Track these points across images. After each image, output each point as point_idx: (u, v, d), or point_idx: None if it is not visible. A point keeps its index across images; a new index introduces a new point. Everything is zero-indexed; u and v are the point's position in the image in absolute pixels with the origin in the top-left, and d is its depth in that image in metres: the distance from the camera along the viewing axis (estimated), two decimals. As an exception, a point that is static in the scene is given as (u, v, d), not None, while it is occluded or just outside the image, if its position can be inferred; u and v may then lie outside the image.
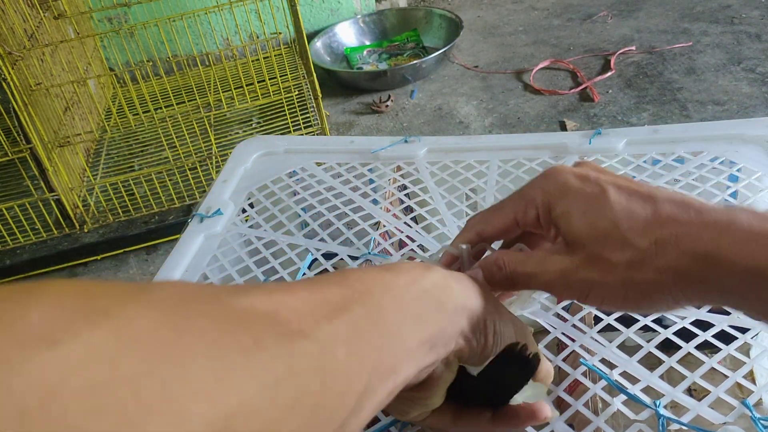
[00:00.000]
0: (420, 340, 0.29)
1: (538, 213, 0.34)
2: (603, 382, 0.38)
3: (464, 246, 0.37)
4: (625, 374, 0.39)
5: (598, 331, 0.42)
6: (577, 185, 0.33)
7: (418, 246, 0.53)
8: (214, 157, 1.55)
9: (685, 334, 0.40)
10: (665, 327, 0.41)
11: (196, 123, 1.59)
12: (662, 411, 0.36)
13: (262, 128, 1.73)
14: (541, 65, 1.87)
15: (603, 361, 0.40)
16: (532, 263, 0.34)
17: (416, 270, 0.31)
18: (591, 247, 0.31)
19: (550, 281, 0.33)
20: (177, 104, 1.66)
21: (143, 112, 1.54)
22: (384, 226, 0.57)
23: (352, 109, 1.85)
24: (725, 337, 0.40)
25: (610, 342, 0.41)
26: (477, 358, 0.32)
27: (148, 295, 0.21)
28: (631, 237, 0.30)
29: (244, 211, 0.63)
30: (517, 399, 0.35)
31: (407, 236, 0.55)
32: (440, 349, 0.30)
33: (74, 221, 1.45)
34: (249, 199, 0.64)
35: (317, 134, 1.58)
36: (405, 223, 0.57)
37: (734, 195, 0.52)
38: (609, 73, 1.76)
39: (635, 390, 0.37)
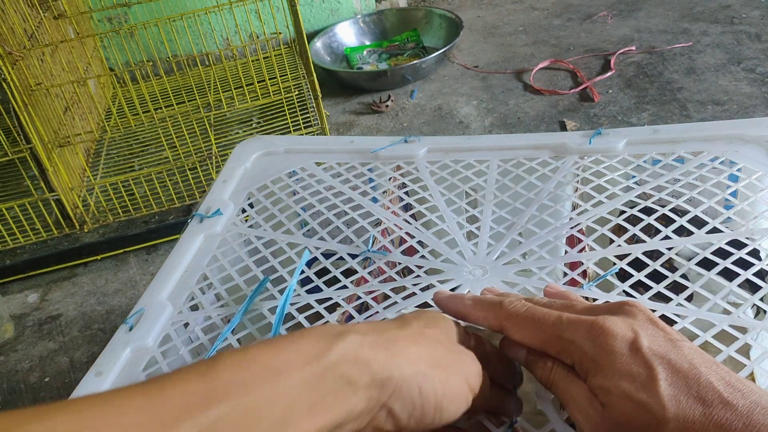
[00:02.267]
0: (316, 430, 0.25)
1: (574, 365, 0.32)
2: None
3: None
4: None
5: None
6: (622, 358, 0.30)
7: (417, 242, 0.53)
8: (214, 157, 1.55)
9: (686, 335, 0.40)
10: (665, 326, 0.41)
11: (196, 123, 1.59)
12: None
13: (262, 128, 1.73)
14: (541, 65, 1.86)
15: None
16: (574, 394, 0.32)
17: (321, 342, 0.27)
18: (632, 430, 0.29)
19: (584, 421, 0.31)
20: (177, 104, 1.66)
21: (143, 112, 1.54)
22: (383, 223, 0.57)
23: (352, 109, 1.85)
24: (725, 338, 0.40)
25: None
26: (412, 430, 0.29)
27: None
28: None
29: (243, 211, 0.63)
30: None
31: (406, 233, 0.55)
32: (350, 427, 0.27)
33: (74, 221, 1.45)
34: (249, 199, 0.64)
35: (317, 134, 1.58)
36: (404, 220, 0.57)
37: (734, 194, 0.52)
38: (609, 73, 1.76)
39: None
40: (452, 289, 0.48)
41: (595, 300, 0.45)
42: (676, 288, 0.45)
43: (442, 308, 0.38)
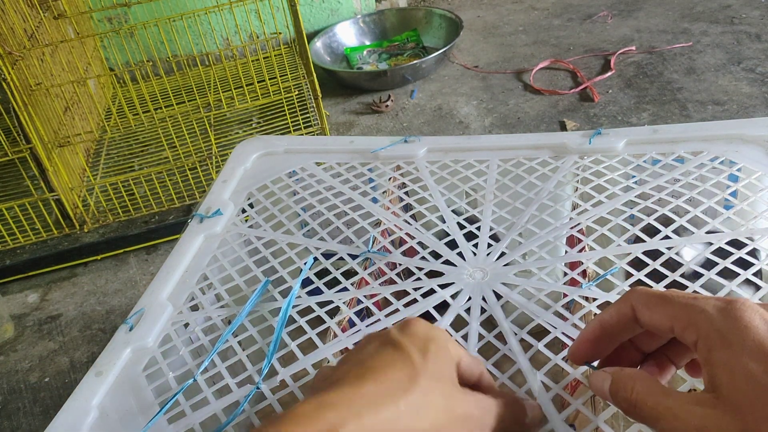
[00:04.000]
0: None
1: (698, 342, 0.29)
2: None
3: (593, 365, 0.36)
4: (625, 374, 0.38)
5: (598, 331, 0.42)
6: (758, 335, 0.27)
7: (417, 243, 0.53)
8: (214, 157, 1.55)
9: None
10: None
11: (196, 123, 1.59)
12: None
13: (262, 128, 1.73)
14: (541, 65, 1.86)
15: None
16: (669, 403, 0.29)
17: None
18: (750, 418, 0.26)
19: (680, 430, 0.28)
20: (177, 104, 1.66)
21: (143, 112, 1.54)
22: (383, 224, 0.57)
23: (352, 109, 1.85)
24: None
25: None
26: None
27: None
28: None
29: (243, 211, 0.63)
30: None
31: (407, 233, 0.55)
32: None
33: (74, 221, 1.45)
34: (249, 199, 0.64)
35: (317, 134, 1.58)
36: (404, 220, 0.57)
37: (734, 194, 0.52)
38: (609, 73, 1.76)
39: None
40: (453, 295, 0.48)
41: (594, 299, 0.45)
42: (677, 288, 0.45)
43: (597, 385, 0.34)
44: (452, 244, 0.53)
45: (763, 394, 0.26)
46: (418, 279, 0.50)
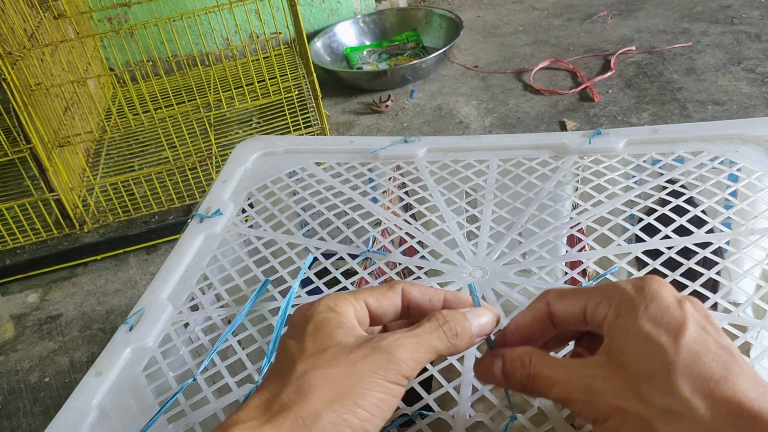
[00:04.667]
0: None
1: (606, 315, 0.31)
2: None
3: (491, 337, 0.35)
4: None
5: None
6: (662, 304, 0.30)
7: (417, 243, 0.53)
8: (214, 157, 1.55)
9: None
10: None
11: (196, 123, 1.60)
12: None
13: (262, 128, 1.73)
14: (541, 65, 1.86)
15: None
16: (561, 371, 0.30)
17: None
18: (632, 376, 0.28)
19: (572, 394, 0.30)
20: (177, 104, 1.66)
21: (143, 112, 1.54)
22: (383, 223, 0.57)
23: (352, 109, 1.85)
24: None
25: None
26: None
27: None
28: (683, 386, 0.27)
29: (243, 211, 0.63)
30: None
31: (406, 233, 0.55)
32: None
33: (74, 221, 1.45)
34: (249, 199, 0.64)
35: (317, 134, 1.58)
36: (404, 220, 0.57)
37: (734, 194, 0.52)
38: (609, 73, 1.76)
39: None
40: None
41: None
42: (676, 287, 0.45)
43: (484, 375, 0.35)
44: (452, 244, 0.53)
45: (650, 353, 0.28)
46: (418, 278, 0.50)
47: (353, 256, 0.53)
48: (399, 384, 0.30)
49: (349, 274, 0.52)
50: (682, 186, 0.54)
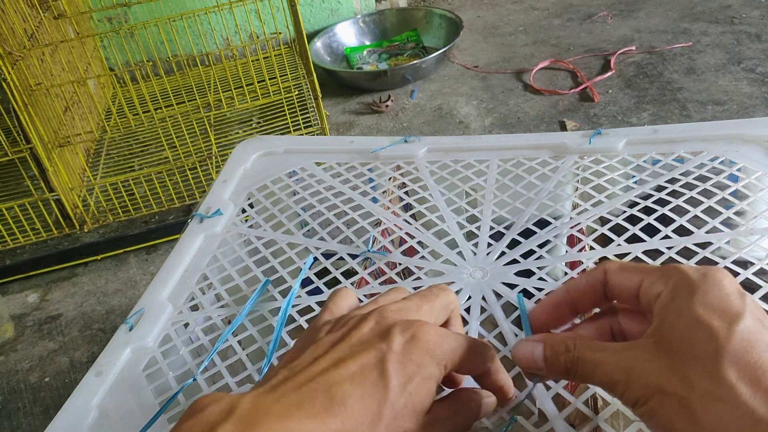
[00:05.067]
0: None
1: (661, 294, 0.30)
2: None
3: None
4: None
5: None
6: (723, 291, 0.29)
7: (417, 243, 0.53)
8: (214, 157, 1.55)
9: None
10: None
11: (196, 123, 1.60)
12: (662, 410, 0.35)
13: (262, 128, 1.73)
14: (541, 65, 1.86)
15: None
16: (605, 354, 0.30)
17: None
18: (678, 358, 0.28)
19: (614, 375, 0.29)
20: (177, 104, 1.66)
21: (143, 112, 1.54)
22: (383, 223, 0.57)
23: (352, 109, 1.85)
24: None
25: (610, 341, 0.41)
26: None
27: None
28: (729, 372, 0.27)
29: (243, 211, 0.63)
30: None
31: (406, 233, 0.55)
32: None
33: (74, 221, 1.45)
34: (249, 199, 0.64)
35: (317, 134, 1.58)
36: (404, 220, 0.57)
37: (734, 194, 0.52)
38: (609, 73, 1.76)
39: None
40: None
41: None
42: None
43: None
44: (452, 244, 0.53)
45: (701, 337, 0.28)
46: (418, 278, 0.50)
47: (353, 256, 0.53)
48: None
49: (349, 274, 0.52)
50: (682, 186, 0.54)
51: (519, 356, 0.34)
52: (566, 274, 0.49)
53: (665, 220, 0.51)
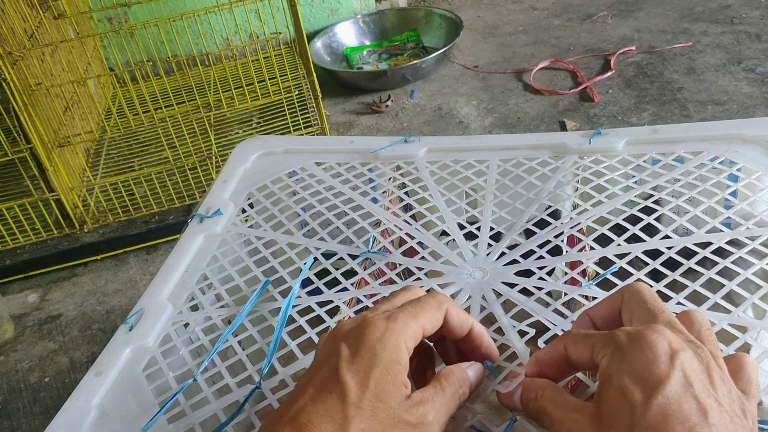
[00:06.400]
0: None
1: (602, 361, 0.31)
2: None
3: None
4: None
5: (598, 331, 0.42)
6: (650, 356, 0.29)
7: (417, 243, 0.53)
8: (214, 157, 1.55)
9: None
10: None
11: (196, 123, 1.59)
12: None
13: (262, 128, 1.73)
14: (541, 65, 1.86)
15: None
16: (560, 411, 0.31)
17: None
18: (606, 427, 0.29)
19: None
20: (177, 104, 1.66)
21: (143, 112, 1.54)
22: (383, 224, 0.57)
23: (352, 109, 1.85)
24: (725, 337, 0.40)
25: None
26: None
27: None
28: None
29: (243, 211, 0.63)
30: None
31: (407, 233, 0.55)
32: None
33: (74, 221, 1.45)
34: (249, 199, 0.64)
35: (317, 134, 1.58)
36: (404, 220, 0.57)
37: (734, 194, 0.52)
38: (609, 73, 1.76)
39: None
40: (452, 295, 0.48)
41: (594, 298, 0.45)
42: (676, 287, 0.45)
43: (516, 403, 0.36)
44: (452, 245, 0.53)
45: (620, 409, 0.28)
46: (418, 279, 0.50)
47: (353, 257, 0.53)
48: None
49: (349, 274, 0.52)
50: (683, 186, 0.54)
51: (501, 395, 0.36)
52: (566, 273, 0.49)
53: (665, 221, 0.51)
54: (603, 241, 0.51)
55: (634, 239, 0.50)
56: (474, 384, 0.37)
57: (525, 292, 0.47)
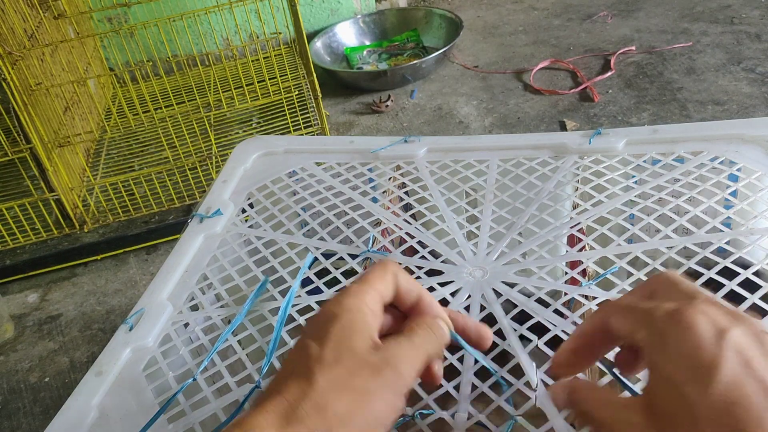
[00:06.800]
0: None
1: (644, 346, 0.29)
2: (604, 380, 0.38)
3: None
4: (624, 373, 0.38)
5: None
6: (695, 339, 0.26)
7: (417, 242, 0.53)
8: (214, 157, 1.55)
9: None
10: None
11: (196, 123, 1.59)
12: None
13: (262, 128, 1.73)
14: (541, 65, 1.86)
15: (604, 358, 0.40)
16: (608, 412, 0.30)
17: None
18: (665, 423, 0.26)
19: None
20: (177, 104, 1.66)
21: (143, 112, 1.54)
22: (383, 223, 0.57)
23: (352, 109, 1.85)
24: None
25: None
26: None
27: None
28: None
29: (243, 211, 0.63)
30: None
31: (406, 233, 0.55)
32: None
33: (74, 221, 1.45)
34: (249, 199, 0.64)
35: (317, 134, 1.58)
36: (404, 220, 0.57)
37: (734, 194, 0.52)
38: (609, 73, 1.76)
39: (637, 388, 0.37)
40: (452, 293, 0.48)
41: (594, 298, 0.45)
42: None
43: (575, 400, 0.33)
44: (452, 244, 0.53)
45: (677, 404, 0.26)
46: (418, 278, 0.50)
47: (353, 256, 0.53)
48: (403, 397, 0.32)
49: (349, 274, 0.52)
50: (682, 186, 0.54)
51: (553, 398, 0.35)
52: (566, 273, 0.49)
53: (665, 220, 0.51)
54: (603, 241, 0.51)
55: (634, 239, 0.50)
56: (441, 336, 0.35)
57: (525, 290, 0.47)
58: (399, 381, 0.32)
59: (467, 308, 0.46)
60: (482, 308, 0.46)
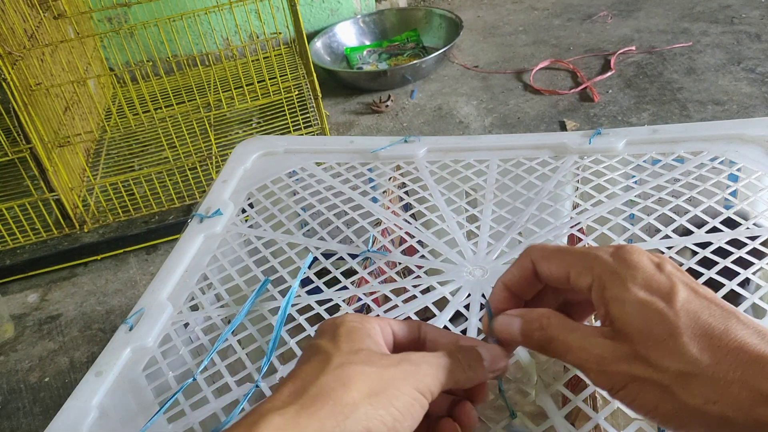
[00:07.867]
0: None
1: (592, 284, 0.32)
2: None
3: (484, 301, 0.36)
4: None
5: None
6: (646, 272, 0.31)
7: (417, 242, 0.53)
8: (214, 157, 1.55)
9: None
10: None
11: (196, 123, 1.59)
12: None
13: (262, 128, 1.73)
14: (541, 65, 1.86)
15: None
16: (576, 337, 0.31)
17: None
18: (639, 344, 0.29)
19: (586, 362, 0.31)
20: (177, 104, 1.66)
21: (143, 112, 1.54)
22: (383, 223, 0.57)
23: (352, 109, 1.85)
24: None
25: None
26: None
27: None
28: (690, 347, 0.28)
29: (243, 211, 0.63)
30: None
31: (406, 233, 0.55)
32: None
33: (74, 221, 1.45)
34: (249, 199, 0.64)
35: (317, 134, 1.58)
36: (404, 219, 0.57)
37: (734, 194, 0.52)
38: (609, 73, 1.76)
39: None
40: (452, 292, 0.48)
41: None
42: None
43: (503, 329, 0.35)
44: (452, 243, 0.53)
45: (652, 321, 0.29)
46: (418, 277, 0.50)
47: (353, 256, 0.53)
48: (425, 396, 0.31)
49: (349, 273, 0.52)
50: (682, 186, 0.54)
51: (499, 329, 0.35)
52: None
53: (665, 220, 0.51)
54: (603, 240, 0.51)
55: (635, 239, 0.50)
56: (486, 360, 0.34)
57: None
58: (421, 375, 0.31)
59: (467, 307, 0.46)
60: (481, 307, 0.46)
